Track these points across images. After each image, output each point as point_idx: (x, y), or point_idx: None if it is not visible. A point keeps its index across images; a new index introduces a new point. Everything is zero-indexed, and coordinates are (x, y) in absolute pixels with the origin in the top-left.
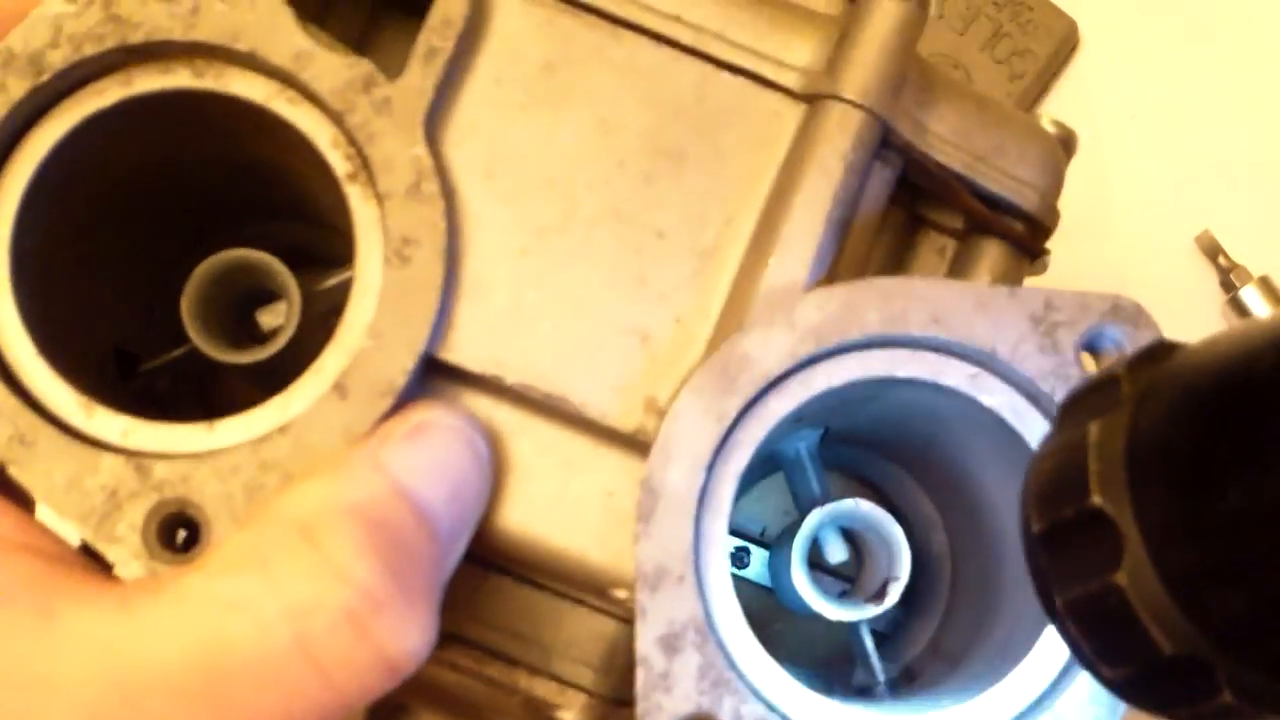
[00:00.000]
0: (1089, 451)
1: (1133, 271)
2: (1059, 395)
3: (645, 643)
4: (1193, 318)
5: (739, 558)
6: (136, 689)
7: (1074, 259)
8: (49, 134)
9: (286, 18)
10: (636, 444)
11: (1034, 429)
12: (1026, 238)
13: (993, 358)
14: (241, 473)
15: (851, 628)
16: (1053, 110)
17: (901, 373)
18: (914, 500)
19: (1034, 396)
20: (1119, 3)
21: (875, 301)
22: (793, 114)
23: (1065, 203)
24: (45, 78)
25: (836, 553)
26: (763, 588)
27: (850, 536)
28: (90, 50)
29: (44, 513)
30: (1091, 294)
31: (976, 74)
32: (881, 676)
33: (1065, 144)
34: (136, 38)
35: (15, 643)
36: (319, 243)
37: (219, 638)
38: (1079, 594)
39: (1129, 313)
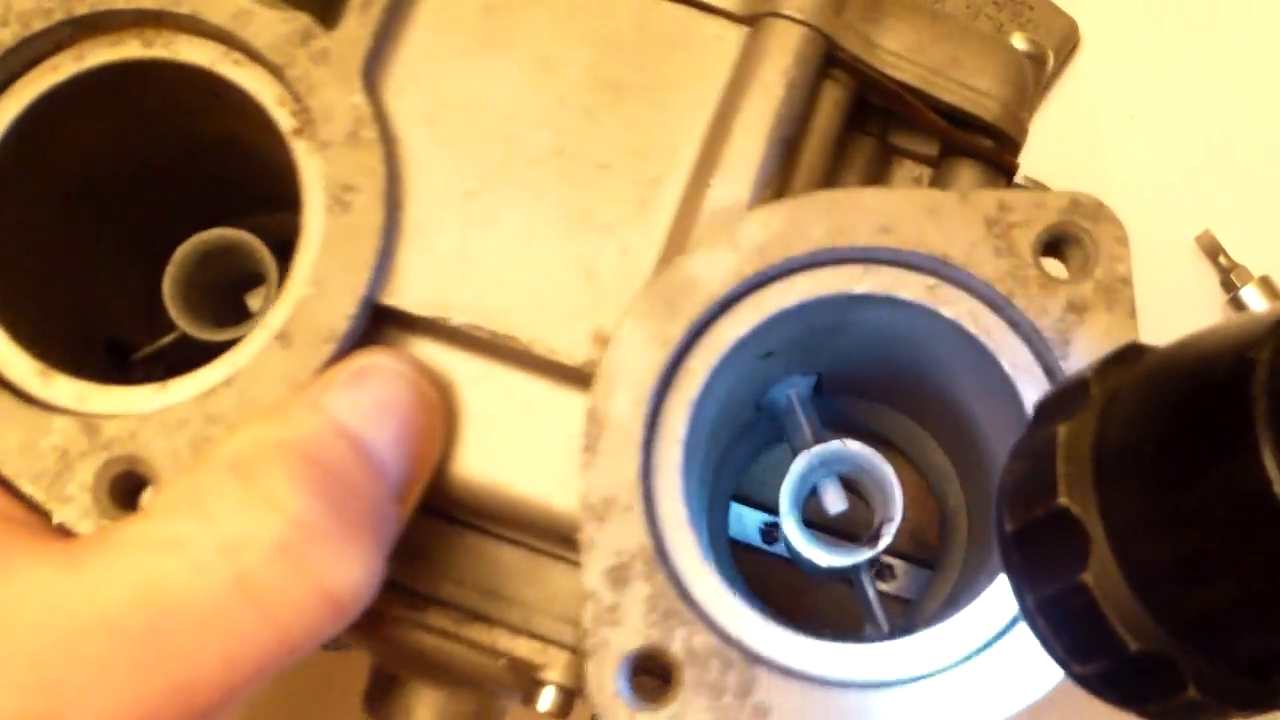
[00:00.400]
0: (1057, 453)
1: (1133, 271)
2: (1017, 298)
3: (592, 575)
4: (1193, 318)
5: (769, 534)
6: (79, 634)
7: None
8: (4, 112)
9: None
10: (589, 379)
11: (998, 338)
12: (995, 153)
13: (947, 265)
14: (188, 427)
15: (855, 580)
16: (1053, 110)
17: (856, 289)
18: (926, 452)
19: (995, 303)
20: (1119, 3)
21: (820, 214)
22: (734, 37)
23: None
24: None
25: (835, 503)
26: (781, 559)
27: (853, 487)
28: (39, 25)
29: None
30: (1049, 192)
31: None
32: (885, 626)
33: (1035, 59)
34: (82, 9)
35: None
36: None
37: (156, 578)
38: (1049, 593)
39: (1088, 209)
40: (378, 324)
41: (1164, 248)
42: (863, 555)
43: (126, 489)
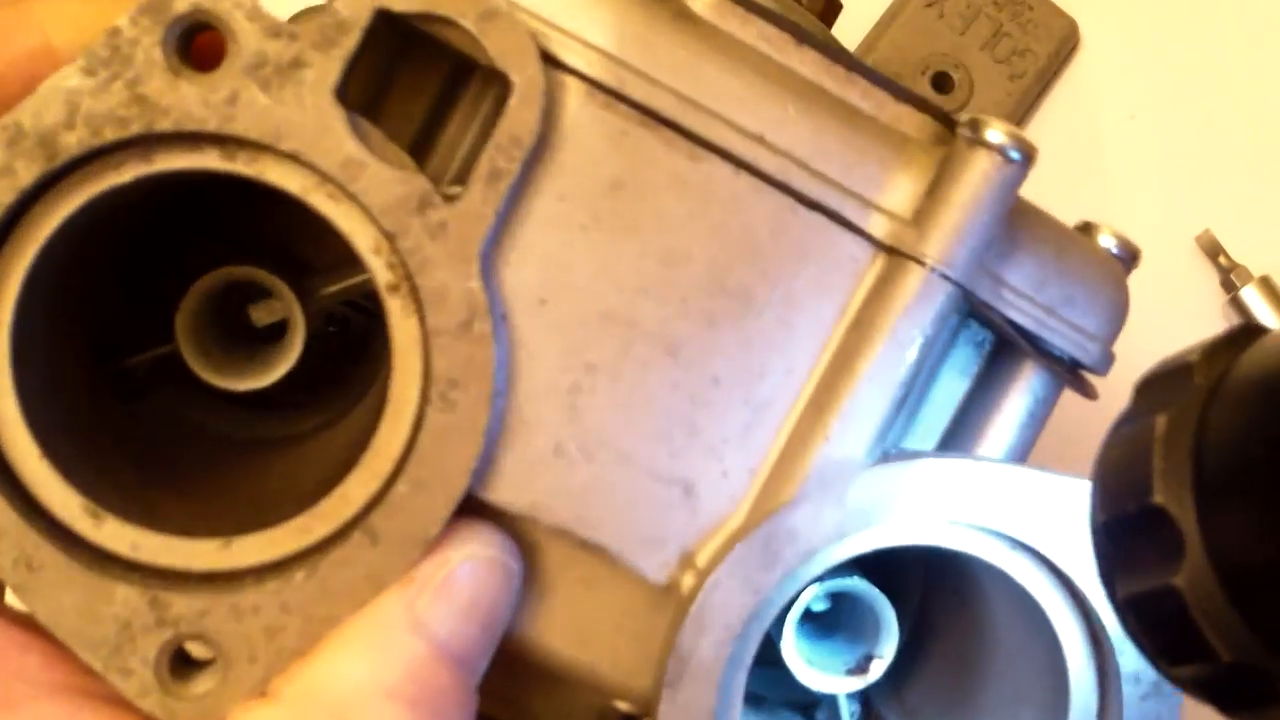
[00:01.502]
0: (1154, 446)
1: (1133, 271)
2: (1092, 597)
3: None
4: (1193, 318)
5: None
6: None
7: None
8: (57, 212)
9: (337, 119)
10: (665, 588)
11: (1060, 615)
12: (1079, 382)
13: (1039, 554)
14: (262, 615)
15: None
16: (1053, 110)
17: (940, 544)
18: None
19: (1067, 583)
20: (1119, 3)
21: (927, 483)
22: (871, 264)
23: (1066, 202)
24: (58, 163)
25: (819, 603)
26: None
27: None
28: (110, 135)
29: None
30: None
31: (976, 73)
32: None
33: (1128, 261)
34: (164, 125)
35: None
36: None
37: None
38: (1138, 591)
39: None
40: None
41: (1164, 248)
42: (850, 686)
43: (189, 659)
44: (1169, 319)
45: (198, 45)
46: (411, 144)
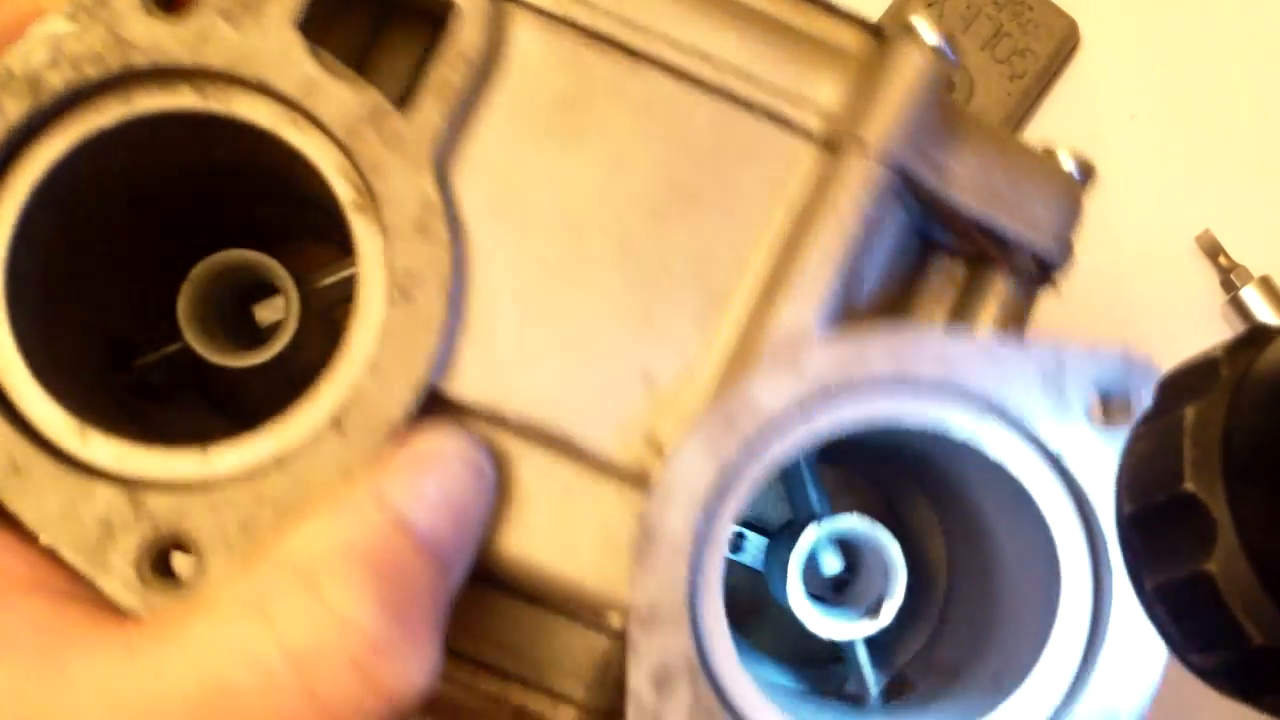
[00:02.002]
0: (1184, 436)
1: (1133, 271)
2: (1066, 450)
3: (637, 679)
4: (1193, 318)
5: (734, 542)
6: None
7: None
8: (46, 153)
9: (297, 45)
10: (635, 477)
11: (1041, 484)
12: (1039, 274)
13: (1001, 411)
14: (237, 507)
15: (845, 645)
16: (1053, 110)
17: (908, 422)
18: (911, 503)
19: (1043, 449)
20: (1119, 3)
21: (885, 352)
22: (811, 157)
23: None
24: (44, 100)
25: (832, 565)
26: (756, 571)
27: (845, 545)
28: (92, 72)
29: None
30: (1102, 349)
31: (977, 74)
32: (875, 688)
33: (1084, 172)
34: (140, 61)
35: (24, 688)
36: (311, 221)
37: (223, 682)
38: (1168, 579)
39: (1140, 369)
40: (431, 403)
41: (1164, 248)
42: (862, 630)
43: (168, 559)
44: (1169, 319)
45: None
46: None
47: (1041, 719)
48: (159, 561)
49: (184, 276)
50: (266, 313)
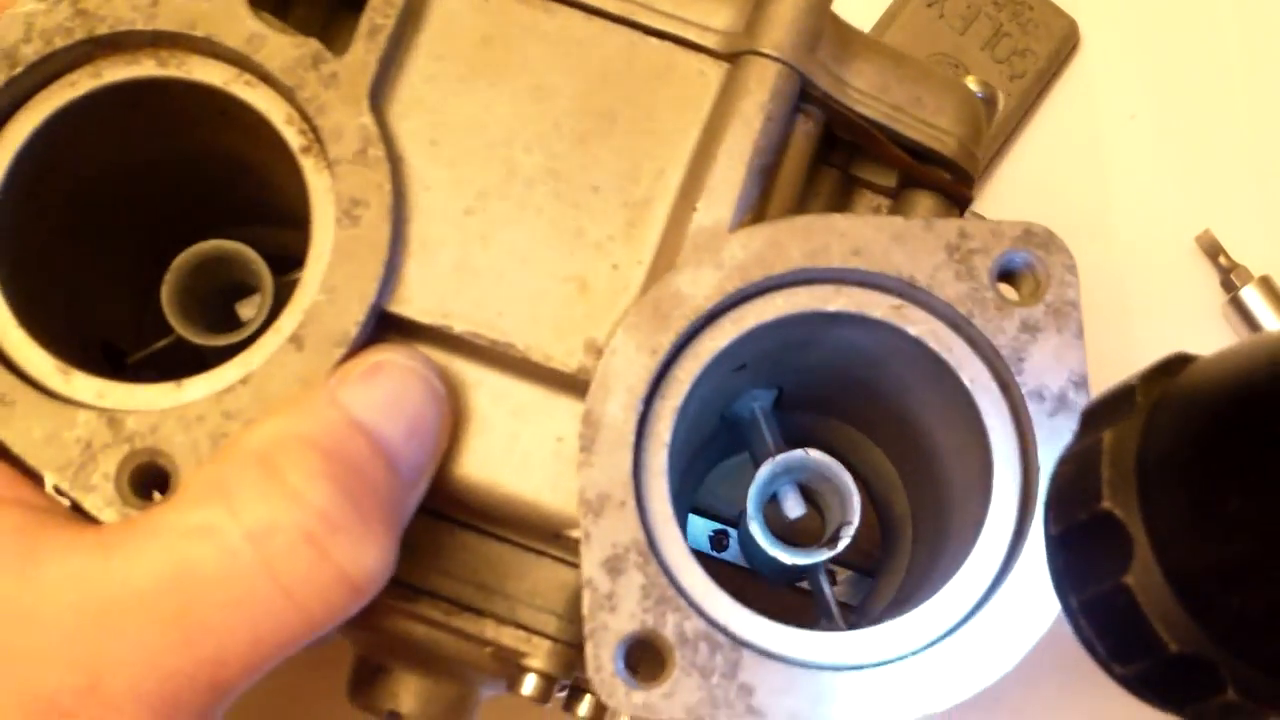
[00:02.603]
0: (1102, 458)
1: (1133, 271)
2: (976, 318)
3: (590, 565)
4: (1193, 318)
5: (718, 541)
6: (114, 614)
7: (1074, 259)
8: (24, 124)
9: (239, 5)
10: (580, 386)
11: (959, 355)
12: (952, 185)
13: (913, 287)
14: (206, 421)
15: (812, 580)
16: (1053, 110)
17: (829, 307)
18: (874, 462)
19: (955, 323)
20: (1119, 3)
21: (798, 238)
22: (715, 73)
23: (1065, 202)
24: (19, 70)
25: (794, 507)
26: (741, 569)
27: (809, 495)
28: (60, 43)
29: None
30: (1004, 222)
31: (976, 73)
32: (842, 623)
33: (988, 100)
34: (102, 29)
35: (1, 583)
36: (297, 245)
37: (187, 563)
38: (1091, 594)
39: (1040, 238)
40: (382, 330)
41: (1164, 248)
42: (823, 555)
43: (146, 480)
44: (1169, 319)
45: None
46: None
47: (973, 600)
48: (138, 480)
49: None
50: (248, 310)
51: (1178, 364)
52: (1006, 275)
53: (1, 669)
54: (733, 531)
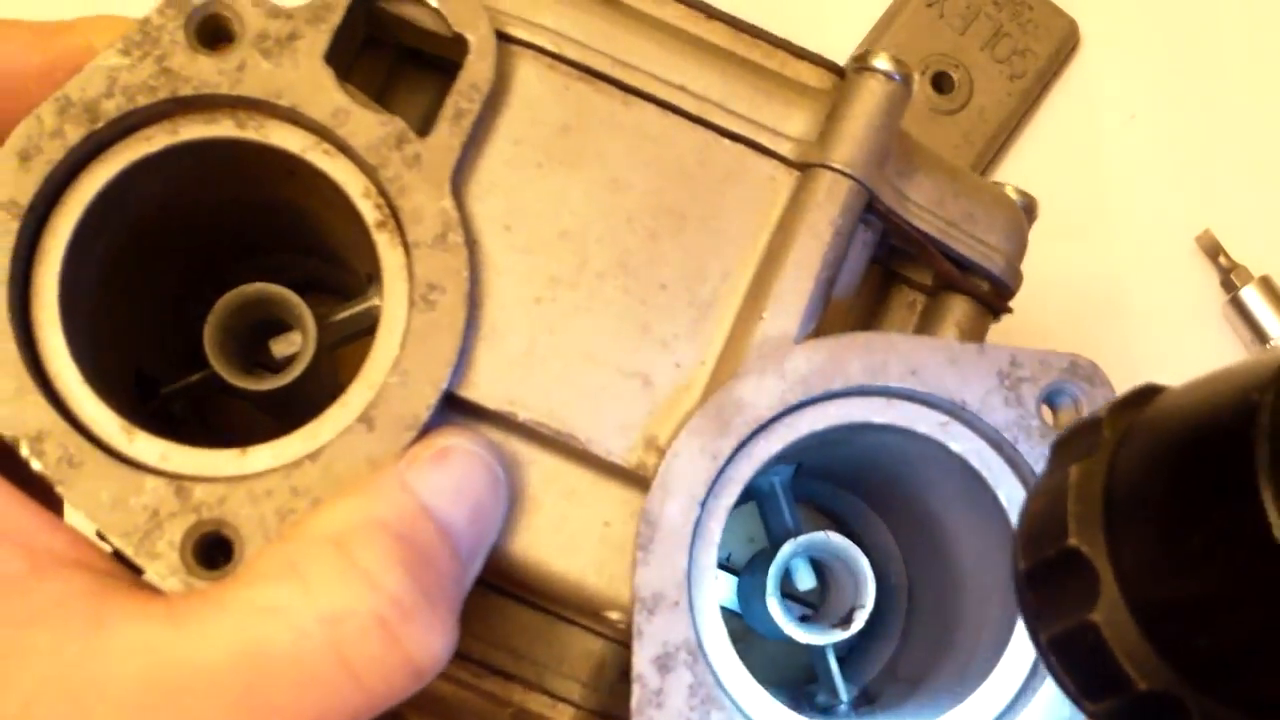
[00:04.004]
0: (1069, 493)
1: (1133, 271)
2: (1021, 444)
3: (641, 662)
4: (1193, 318)
5: None
6: (180, 690)
7: (1074, 259)
8: (99, 176)
9: (327, 77)
10: (635, 478)
11: (997, 474)
12: (991, 296)
13: (962, 408)
14: (275, 497)
15: (815, 651)
16: (1053, 110)
17: (879, 419)
18: (875, 533)
19: (998, 444)
20: (1119, 3)
21: (858, 354)
22: (786, 180)
23: (1065, 203)
24: (99, 125)
25: (805, 580)
26: (728, 611)
27: (816, 565)
28: (142, 101)
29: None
30: (1052, 353)
31: (976, 74)
32: (845, 697)
33: (1028, 210)
34: (186, 91)
35: (68, 648)
36: (325, 275)
37: (258, 641)
38: (1060, 630)
39: (1085, 371)
40: (447, 409)
41: (1164, 248)
42: (835, 637)
43: (210, 550)
44: (1169, 319)
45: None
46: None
47: (1000, 708)
48: (202, 550)
49: (198, 318)
50: (281, 346)
51: (1145, 396)
52: (1049, 402)
53: None
54: (724, 575)
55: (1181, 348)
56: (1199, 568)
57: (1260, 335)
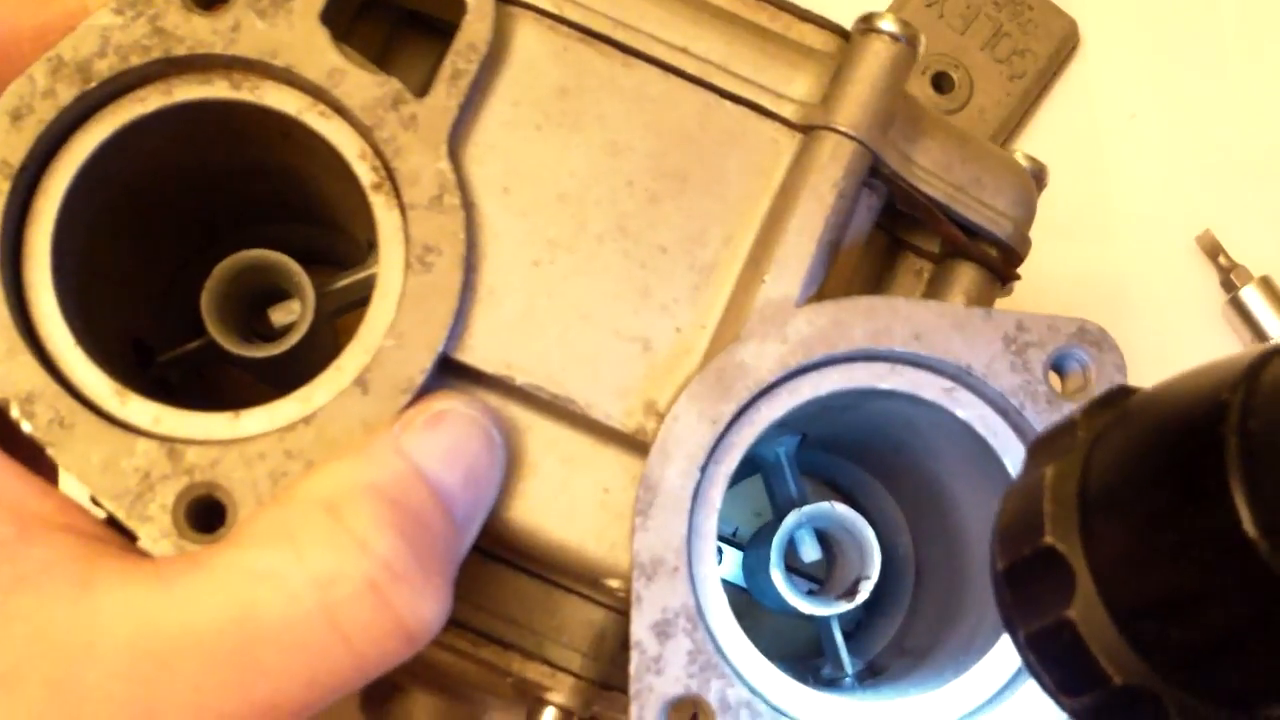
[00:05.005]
0: (1044, 493)
1: (1133, 271)
2: (1027, 410)
3: (639, 628)
4: (1193, 318)
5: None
6: (170, 652)
7: (1074, 259)
8: (92, 137)
9: (322, 37)
10: (634, 443)
11: (1003, 440)
12: (999, 263)
13: (967, 373)
14: (268, 459)
15: (821, 623)
16: (1053, 110)
17: (883, 385)
18: (882, 505)
19: (1004, 410)
20: (1119, 3)
21: (861, 318)
22: (789, 142)
23: (1065, 203)
24: (92, 85)
25: (810, 552)
26: (734, 586)
27: (822, 537)
28: (136, 60)
29: (70, 487)
30: (1060, 317)
31: (976, 73)
32: (850, 669)
33: (1037, 177)
34: (180, 51)
35: (56, 611)
36: (325, 244)
37: (249, 605)
38: (1037, 628)
39: (1093, 336)
40: (444, 373)
41: (1164, 248)
42: (841, 607)
43: (202, 513)
44: (1169, 319)
45: None
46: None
47: (996, 686)
48: (194, 513)
49: (196, 285)
50: (280, 315)
51: (1119, 396)
52: (1058, 369)
53: (54, 703)
54: (726, 548)
55: (1181, 348)
56: (1172, 564)
57: (1260, 335)
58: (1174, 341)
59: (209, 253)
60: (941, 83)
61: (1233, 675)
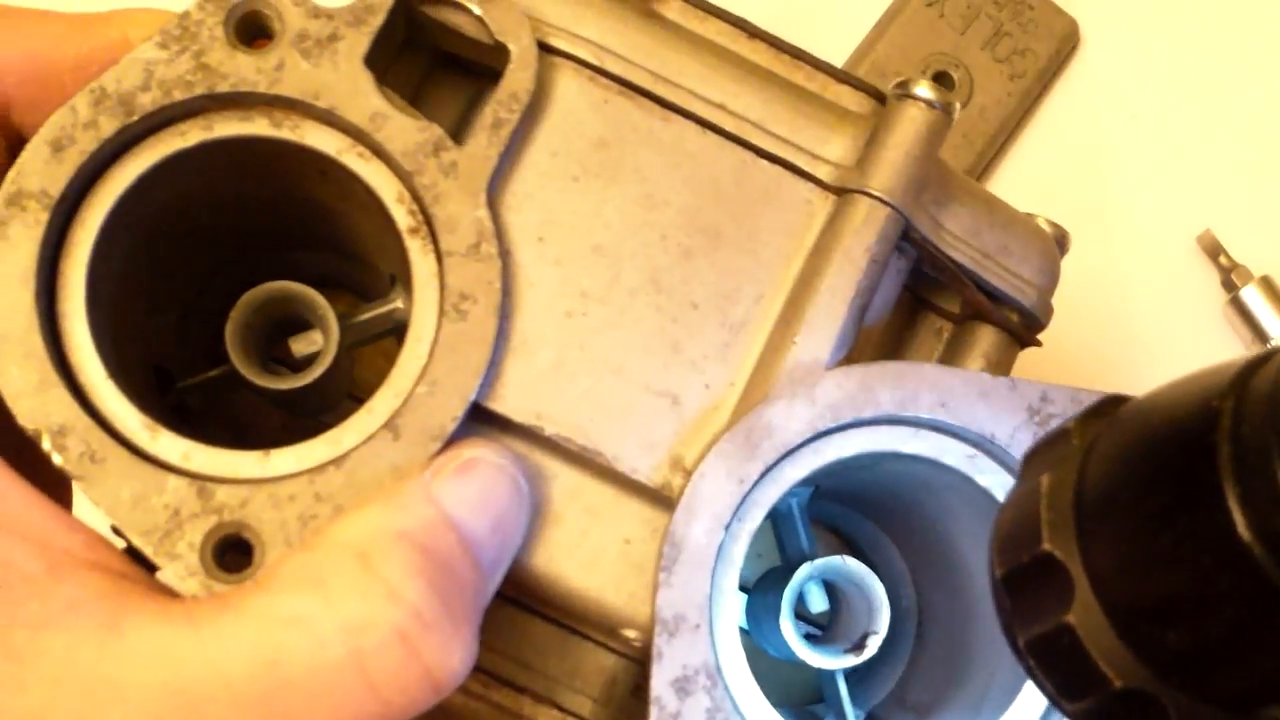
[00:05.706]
0: (1041, 501)
1: (1133, 271)
2: None
3: (659, 684)
4: (1193, 318)
5: None
6: (198, 696)
7: (1074, 259)
8: (131, 170)
9: (366, 80)
10: (659, 498)
11: None
12: (1020, 329)
13: (990, 442)
14: (297, 502)
15: (825, 674)
16: (1053, 110)
17: (907, 449)
18: (887, 556)
19: None
20: (1119, 3)
21: (889, 383)
22: (823, 204)
23: (1065, 202)
24: (134, 118)
25: (818, 603)
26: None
27: (829, 586)
28: (179, 96)
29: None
30: (1084, 391)
31: (976, 73)
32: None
33: (1060, 242)
34: (223, 88)
35: (84, 651)
36: (344, 271)
37: (278, 651)
38: (1037, 634)
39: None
40: (474, 419)
41: (1164, 248)
42: (848, 662)
43: (229, 552)
44: (1169, 319)
45: (249, 28)
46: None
47: None
48: (222, 552)
49: (217, 312)
50: (301, 345)
51: (1111, 405)
52: None
53: None
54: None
55: (1182, 348)
56: (1168, 569)
57: (1260, 335)
58: (1174, 341)
59: (227, 275)
60: (942, 82)
61: (1231, 677)
